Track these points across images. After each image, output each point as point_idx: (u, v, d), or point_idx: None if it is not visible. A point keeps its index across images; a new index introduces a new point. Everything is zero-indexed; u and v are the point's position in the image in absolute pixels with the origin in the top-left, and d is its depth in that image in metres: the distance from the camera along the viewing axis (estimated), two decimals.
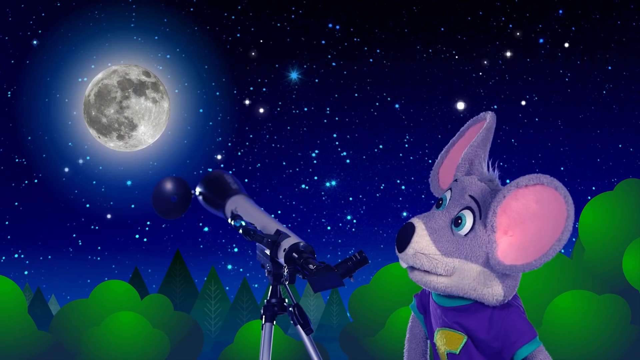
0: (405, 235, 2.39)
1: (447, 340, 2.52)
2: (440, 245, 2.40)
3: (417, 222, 2.40)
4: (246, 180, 11.55)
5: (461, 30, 12.39)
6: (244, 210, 2.96)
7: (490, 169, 2.56)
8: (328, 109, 12.55)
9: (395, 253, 2.44)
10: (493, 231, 2.39)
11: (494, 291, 2.41)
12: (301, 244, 2.69)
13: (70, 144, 11.81)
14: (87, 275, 13.04)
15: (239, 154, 12.53)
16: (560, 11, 12.17)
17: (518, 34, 12.18)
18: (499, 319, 2.44)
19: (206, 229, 12.76)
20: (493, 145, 2.61)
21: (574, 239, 10.05)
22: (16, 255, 12.66)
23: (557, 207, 2.34)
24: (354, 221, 12.73)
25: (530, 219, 2.37)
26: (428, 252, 2.39)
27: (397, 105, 12.36)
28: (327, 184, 12.52)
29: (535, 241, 2.36)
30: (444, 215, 2.44)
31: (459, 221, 2.42)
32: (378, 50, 12.38)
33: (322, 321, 13.38)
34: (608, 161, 12.21)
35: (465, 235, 2.41)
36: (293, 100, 12.37)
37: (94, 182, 12.02)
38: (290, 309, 2.83)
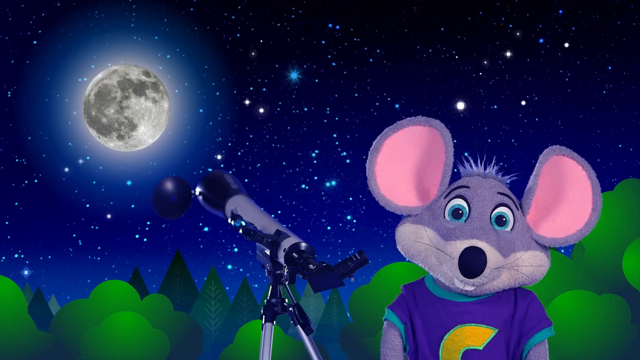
0: (479, 261, 2.44)
1: (469, 337, 2.53)
2: (504, 252, 2.48)
3: (480, 244, 2.45)
4: (246, 180, 11.55)
5: (461, 30, 12.38)
6: (244, 210, 2.96)
7: (477, 165, 2.66)
8: (328, 109, 12.54)
9: (462, 280, 2.48)
10: (528, 213, 2.55)
11: (546, 266, 2.56)
12: (301, 244, 2.68)
13: (70, 144, 11.79)
14: (87, 275, 13.02)
15: (239, 154, 12.52)
16: (560, 11, 12.17)
17: (518, 34, 12.18)
18: (525, 303, 2.55)
19: (206, 229, 12.75)
20: (493, 145, 2.64)
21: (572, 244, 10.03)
22: (16, 255, 12.66)
23: (577, 174, 2.56)
24: (354, 221, 12.71)
25: (561, 189, 2.57)
26: (501, 265, 2.47)
27: (397, 105, 12.36)
28: (327, 184, 12.52)
29: (573, 208, 2.57)
30: (487, 223, 2.51)
31: (503, 219, 2.52)
32: (378, 50, 12.37)
33: (322, 321, 13.36)
34: (608, 161, 12.19)
35: (512, 229, 2.51)
36: (293, 100, 12.36)
37: (94, 182, 12.01)
38: (290, 309, 2.83)
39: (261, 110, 12.31)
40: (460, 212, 2.54)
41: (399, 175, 2.63)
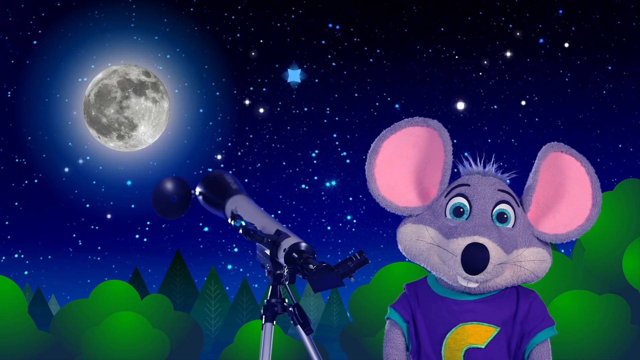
0: (482, 257, 2.44)
1: (471, 335, 2.53)
2: (506, 248, 2.48)
3: (482, 240, 2.45)
4: (246, 180, 11.54)
5: (461, 30, 12.38)
6: (244, 210, 2.96)
7: (476, 163, 2.66)
8: (328, 109, 12.54)
9: (465, 277, 2.48)
10: (528, 210, 2.56)
11: (548, 262, 2.57)
12: (301, 244, 2.68)
13: (70, 144, 11.79)
14: (87, 275, 13.01)
15: (239, 154, 12.52)
16: (560, 11, 12.17)
17: (518, 34, 12.18)
18: (527, 302, 2.55)
19: (206, 229, 12.74)
20: (493, 145, 2.65)
21: (573, 239, 10.04)
22: (16, 255, 12.65)
23: (576, 170, 2.57)
24: (354, 221, 12.70)
25: (560, 185, 2.58)
26: (504, 261, 2.48)
27: (397, 105, 12.35)
28: (327, 184, 12.51)
29: (573, 204, 2.57)
30: (489, 220, 2.51)
31: (504, 216, 2.53)
32: (378, 50, 12.37)
33: (322, 321, 13.36)
34: (608, 161, 12.18)
35: (513, 226, 2.52)
36: (293, 100, 12.36)
37: (94, 182, 12.00)
38: (290, 309, 2.83)
39: (261, 110, 12.31)
40: (462, 210, 2.54)
41: (399, 176, 2.64)
